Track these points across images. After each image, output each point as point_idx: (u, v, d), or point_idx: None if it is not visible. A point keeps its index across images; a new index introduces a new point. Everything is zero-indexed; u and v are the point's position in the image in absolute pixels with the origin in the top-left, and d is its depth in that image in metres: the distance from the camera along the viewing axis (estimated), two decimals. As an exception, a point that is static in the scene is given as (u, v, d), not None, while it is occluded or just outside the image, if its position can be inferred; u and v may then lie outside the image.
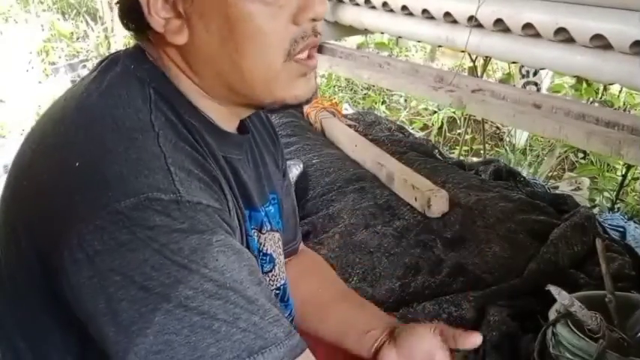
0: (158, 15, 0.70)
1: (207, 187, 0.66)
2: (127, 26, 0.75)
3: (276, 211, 0.91)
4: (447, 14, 2.33)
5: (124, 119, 0.66)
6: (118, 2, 0.74)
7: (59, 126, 0.69)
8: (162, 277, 0.58)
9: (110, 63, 0.75)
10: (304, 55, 0.74)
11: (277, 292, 0.88)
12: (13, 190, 0.70)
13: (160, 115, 0.68)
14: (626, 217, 2.42)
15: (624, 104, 3.53)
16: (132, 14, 0.72)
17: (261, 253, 0.83)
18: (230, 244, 0.63)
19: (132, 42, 0.79)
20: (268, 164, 0.92)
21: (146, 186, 0.61)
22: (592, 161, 3.22)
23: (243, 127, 0.84)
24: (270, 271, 0.86)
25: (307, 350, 0.65)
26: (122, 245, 0.59)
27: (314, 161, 2.52)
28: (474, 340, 0.89)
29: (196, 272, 0.59)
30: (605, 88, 3.26)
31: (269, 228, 0.86)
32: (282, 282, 0.89)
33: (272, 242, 0.86)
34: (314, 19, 0.72)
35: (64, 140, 0.67)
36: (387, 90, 4.30)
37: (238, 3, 0.68)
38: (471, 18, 2.19)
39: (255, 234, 0.82)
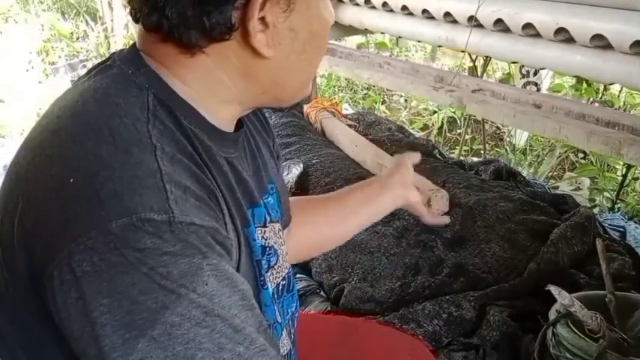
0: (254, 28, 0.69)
1: (203, 204, 0.64)
2: (148, 22, 0.69)
3: (275, 201, 0.90)
4: (447, 14, 2.33)
5: (120, 130, 0.64)
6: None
7: (55, 137, 0.67)
8: (149, 302, 0.57)
9: (106, 67, 0.73)
10: None
11: (283, 282, 0.88)
12: (6, 203, 0.68)
13: (158, 124, 0.66)
14: (626, 217, 2.42)
15: (624, 104, 3.53)
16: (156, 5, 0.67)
17: (266, 250, 0.82)
18: (222, 269, 0.61)
19: (131, 42, 0.76)
20: (264, 153, 0.91)
21: (140, 205, 0.59)
22: (592, 161, 3.22)
23: (238, 122, 0.83)
24: (276, 263, 0.85)
25: None
26: (111, 267, 0.57)
27: (314, 161, 2.52)
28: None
29: (185, 297, 0.58)
30: (605, 88, 3.26)
31: (269, 220, 0.85)
32: (286, 271, 0.89)
33: (273, 234, 0.85)
34: None
35: (60, 153, 0.65)
36: (387, 90, 4.30)
37: (320, 19, 0.75)
38: (471, 18, 2.19)
39: (259, 231, 0.81)
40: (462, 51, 2.38)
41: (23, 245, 0.64)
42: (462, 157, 3.16)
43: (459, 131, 3.79)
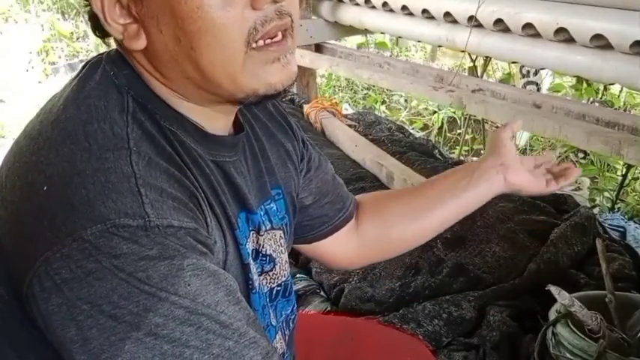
0: (116, 22, 0.67)
1: (181, 206, 0.63)
2: (95, 34, 0.72)
3: (281, 207, 0.88)
4: (447, 14, 2.33)
5: (96, 136, 0.64)
6: (85, 10, 0.71)
7: (34, 143, 0.66)
8: (130, 306, 0.57)
9: (91, 68, 0.72)
10: (268, 39, 0.67)
11: (278, 288, 0.87)
12: None
13: (136, 128, 0.66)
14: (626, 217, 2.42)
15: (624, 104, 3.53)
16: (96, 22, 0.69)
17: (260, 254, 0.82)
18: (204, 267, 0.61)
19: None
20: (271, 157, 0.88)
21: (113, 211, 0.59)
22: (592, 161, 3.22)
23: (239, 125, 0.82)
24: (271, 270, 0.85)
25: None
26: (89, 274, 0.57)
27: (314, 161, 2.52)
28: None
29: (166, 300, 0.57)
30: (605, 88, 3.26)
31: (269, 227, 0.84)
32: (284, 279, 0.88)
33: (272, 242, 0.84)
34: (275, 1, 0.66)
35: (36, 159, 0.64)
36: (387, 90, 4.30)
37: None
38: (471, 18, 2.19)
39: (253, 235, 0.80)
40: (462, 51, 2.38)
41: (4, 253, 0.64)
42: (462, 157, 3.17)
43: (459, 131, 3.79)
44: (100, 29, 0.70)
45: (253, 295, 0.78)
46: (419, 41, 3.31)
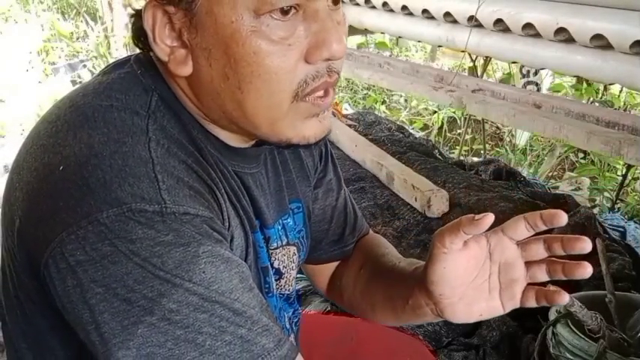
0: (164, 43, 0.66)
1: (197, 195, 0.63)
2: (137, 45, 0.71)
3: (300, 221, 0.87)
4: (447, 14, 2.33)
5: (115, 123, 0.64)
6: (130, 17, 0.71)
7: (51, 126, 0.67)
8: (145, 291, 0.57)
9: (117, 66, 0.72)
10: (315, 94, 0.67)
11: (281, 296, 0.87)
12: (8, 193, 0.68)
13: (158, 120, 0.66)
14: (626, 217, 2.42)
15: (624, 104, 3.53)
16: (140, 35, 0.69)
17: (269, 269, 0.80)
18: (218, 254, 0.61)
19: (131, 42, 0.76)
20: (292, 171, 0.86)
21: (130, 195, 0.58)
22: (592, 161, 3.22)
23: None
24: (277, 280, 0.84)
25: (299, 357, 0.64)
26: (104, 257, 0.57)
27: (314, 161, 2.52)
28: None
29: (180, 286, 0.57)
30: (605, 88, 3.26)
31: (284, 242, 0.82)
32: (288, 292, 0.87)
33: (285, 257, 0.83)
34: (328, 59, 0.66)
35: (53, 141, 0.65)
36: (387, 90, 4.30)
37: (244, 41, 0.63)
38: (471, 18, 2.19)
39: (265, 248, 0.79)
40: (462, 51, 2.39)
41: (21, 234, 0.64)
42: (462, 157, 3.17)
43: (459, 131, 3.79)
44: (142, 42, 0.70)
45: (270, 298, 0.78)
46: (419, 41, 3.32)
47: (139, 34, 0.69)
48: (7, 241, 0.68)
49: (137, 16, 0.69)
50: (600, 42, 1.79)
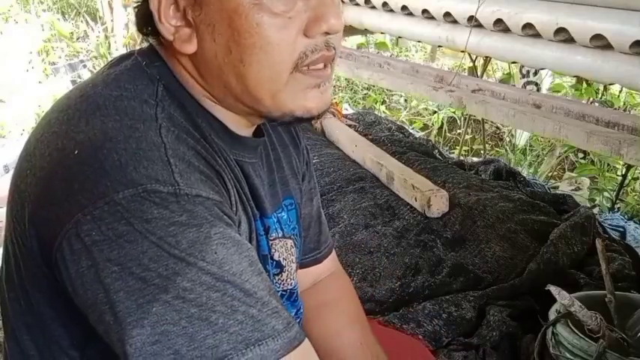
0: (169, 23, 0.69)
1: (207, 180, 0.65)
2: (141, 30, 0.74)
3: (293, 217, 0.89)
4: (447, 14, 2.33)
5: (126, 110, 0.66)
6: (135, 7, 0.74)
7: (62, 114, 0.69)
8: (160, 269, 0.58)
9: (122, 58, 0.75)
10: (315, 66, 0.71)
11: (283, 293, 0.88)
12: (18, 181, 0.70)
13: (166, 108, 0.68)
14: (626, 217, 2.42)
15: (624, 104, 3.53)
16: (146, 20, 0.72)
17: (268, 258, 0.82)
18: (229, 236, 0.62)
19: (131, 42, 0.78)
20: (285, 168, 0.90)
21: (145, 177, 0.60)
22: (592, 161, 3.22)
23: (259, 129, 0.83)
24: (278, 274, 0.85)
25: (306, 341, 0.65)
26: (120, 237, 0.58)
27: (314, 161, 2.52)
28: None
29: (194, 265, 0.59)
30: (605, 88, 3.26)
31: (280, 235, 0.84)
32: (290, 287, 0.89)
33: (283, 250, 0.85)
34: (327, 33, 0.70)
35: (66, 128, 0.67)
36: (387, 90, 4.30)
37: (247, 13, 0.66)
38: (471, 18, 2.20)
39: (264, 237, 0.81)
40: (462, 51, 2.39)
41: (33, 220, 0.65)
42: (462, 157, 3.17)
43: (459, 131, 3.79)
44: (148, 27, 0.73)
45: None
46: (419, 41, 3.32)
47: (144, 20, 0.72)
48: (15, 231, 0.69)
49: (143, 0, 0.72)
50: (600, 42, 1.79)
